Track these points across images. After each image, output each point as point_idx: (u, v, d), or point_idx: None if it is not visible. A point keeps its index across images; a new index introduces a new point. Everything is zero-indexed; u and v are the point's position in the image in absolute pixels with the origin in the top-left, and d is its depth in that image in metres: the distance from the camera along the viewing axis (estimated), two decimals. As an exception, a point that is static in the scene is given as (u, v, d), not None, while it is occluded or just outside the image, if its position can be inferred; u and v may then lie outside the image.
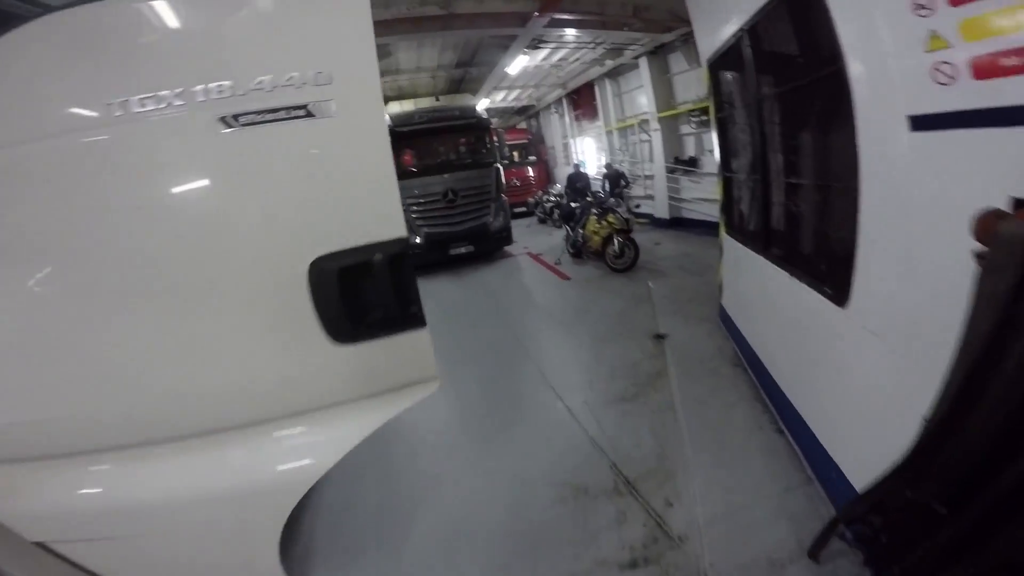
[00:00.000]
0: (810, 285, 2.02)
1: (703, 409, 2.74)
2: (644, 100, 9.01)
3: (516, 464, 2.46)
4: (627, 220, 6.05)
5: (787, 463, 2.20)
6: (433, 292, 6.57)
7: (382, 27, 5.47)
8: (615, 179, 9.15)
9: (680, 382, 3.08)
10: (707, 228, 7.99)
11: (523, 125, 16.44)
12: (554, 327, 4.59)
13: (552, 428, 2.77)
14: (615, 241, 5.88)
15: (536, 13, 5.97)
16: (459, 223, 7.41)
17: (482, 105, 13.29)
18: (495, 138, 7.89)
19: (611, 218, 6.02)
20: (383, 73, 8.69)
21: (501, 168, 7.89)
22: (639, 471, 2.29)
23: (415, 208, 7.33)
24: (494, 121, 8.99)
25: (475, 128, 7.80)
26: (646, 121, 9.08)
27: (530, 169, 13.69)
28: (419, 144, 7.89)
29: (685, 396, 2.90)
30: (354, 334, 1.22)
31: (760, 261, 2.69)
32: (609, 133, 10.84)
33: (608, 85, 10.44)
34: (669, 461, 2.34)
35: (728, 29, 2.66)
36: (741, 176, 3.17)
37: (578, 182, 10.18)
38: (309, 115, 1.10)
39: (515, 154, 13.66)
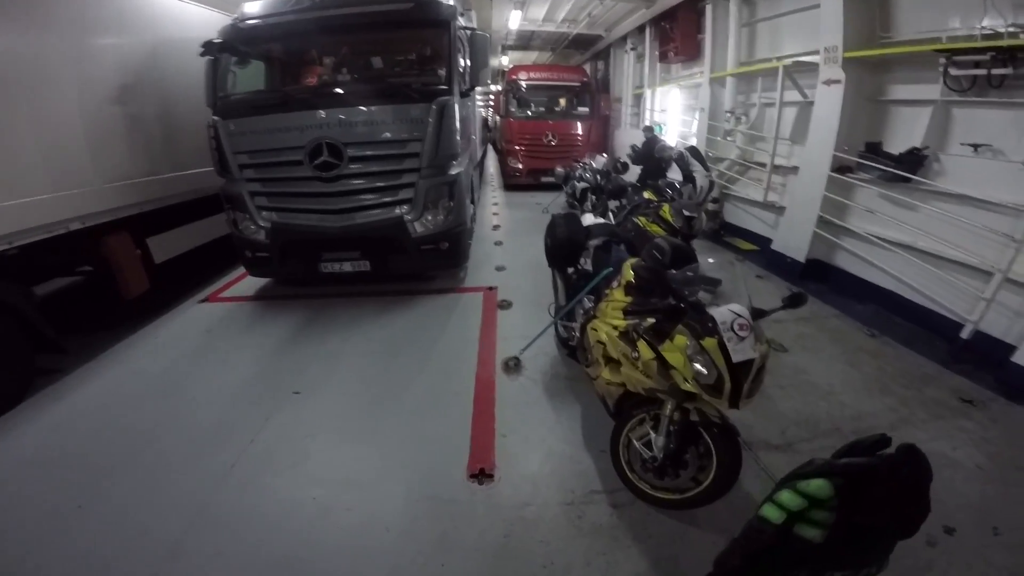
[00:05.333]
0: None
1: None
2: (807, 30, 4.30)
3: None
4: (728, 370, 1.41)
5: None
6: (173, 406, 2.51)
7: None
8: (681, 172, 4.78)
9: None
10: (900, 313, 3.42)
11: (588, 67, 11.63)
12: None
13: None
14: (663, 433, 1.67)
15: None
16: (342, 212, 3.46)
17: (514, 22, 8.74)
18: (460, 45, 3.60)
19: (675, 346, 1.54)
20: None
21: (460, 106, 3.65)
22: None
23: (255, 173, 3.44)
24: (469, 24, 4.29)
25: (408, 22, 3.49)
26: (801, 64, 4.39)
27: (579, 124, 9.05)
28: (291, 50, 3.86)
29: None
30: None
31: None
32: (716, 82, 6.09)
33: (732, 3, 5.65)
34: None
35: None
36: None
37: (650, 162, 5.53)
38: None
39: (562, 101, 9.14)
